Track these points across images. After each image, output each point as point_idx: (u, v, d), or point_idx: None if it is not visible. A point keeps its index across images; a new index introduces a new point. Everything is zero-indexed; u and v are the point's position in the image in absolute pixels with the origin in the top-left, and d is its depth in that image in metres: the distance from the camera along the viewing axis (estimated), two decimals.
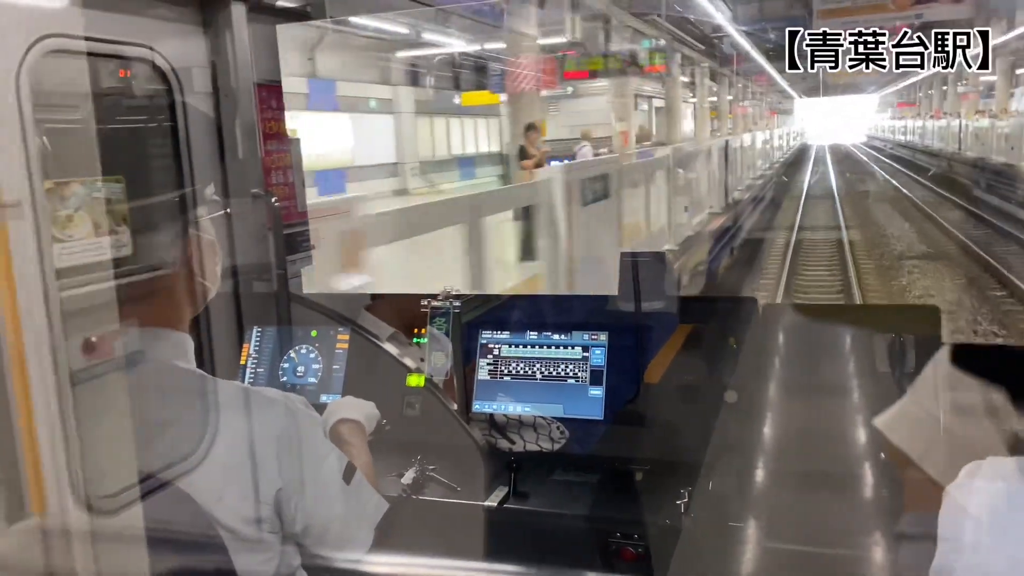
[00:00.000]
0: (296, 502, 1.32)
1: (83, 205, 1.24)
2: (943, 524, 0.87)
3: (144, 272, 1.32)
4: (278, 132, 2.52)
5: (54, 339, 1.05)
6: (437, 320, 2.08)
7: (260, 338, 2.26)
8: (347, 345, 2.18)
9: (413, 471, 1.86)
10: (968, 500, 0.85)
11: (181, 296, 1.35)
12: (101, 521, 1.06)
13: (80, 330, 1.12)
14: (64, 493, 1.03)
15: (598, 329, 2.00)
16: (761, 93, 41.05)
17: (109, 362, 1.17)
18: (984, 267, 10.94)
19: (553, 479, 1.93)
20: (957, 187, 20.06)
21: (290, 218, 2.57)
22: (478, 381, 2.09)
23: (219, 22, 2.29)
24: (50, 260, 1.09)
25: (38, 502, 1.03)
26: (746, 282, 11.33)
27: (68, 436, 1.02)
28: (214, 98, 2.28)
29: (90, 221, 1.24)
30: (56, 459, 1.02)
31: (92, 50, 1.43)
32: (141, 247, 1.32)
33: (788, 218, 18.02)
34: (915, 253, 13.06)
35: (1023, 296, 9.22)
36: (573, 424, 1.99)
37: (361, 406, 1.81)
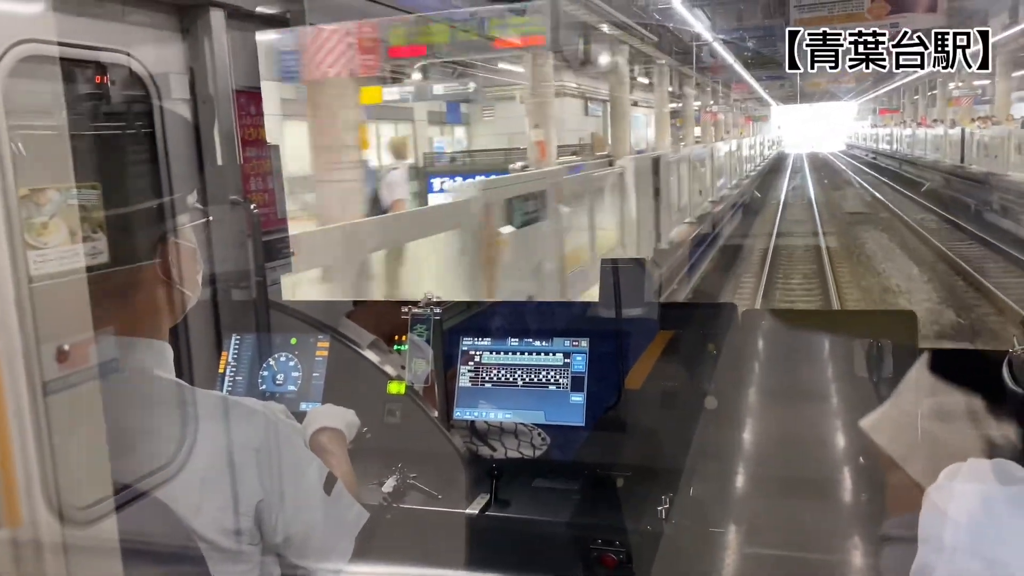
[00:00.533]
0: (277, 513, 1.31)
1: (58, 212, 1.22)
2: (923, 525, 0.88)
3: (121, 280, 1.31)
4: (257, 138, 2.51)
5: (28, 348, 1.03)
6: (418, 327, 2.07)
7: (239, 346, 2.24)
8: (327, 352, 2.16)
9: (394, 479, 1.85)
10: (948, 501, 0.86)
11: (160, 304, 1.34)
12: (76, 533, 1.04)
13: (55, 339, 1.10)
14: (38, 504, 1.02)
15: (579, 335, 2.00)
16: (736, 100, 38.45)
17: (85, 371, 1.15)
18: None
19: (534, 486, 1.93)
20: (961, 208, 16.97)
21: (269, 225, 2.55)
22: (459, 388, 2.08)
23: (198, 28, 2.28)
24: (24, 267, 1.07)
25: (12, 514, 1.01)
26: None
27: (42, 447, 1.00)
28: (192, 104, 2.27)
29: (66, 228, 1.23)
30: (30, 470, 1.00)
31: (68, 56, 1.42)
32: (118, 254, 1.30)
33: (753, 265, 13.22)
34: (949, 330, 8.50)
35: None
36: (554, 431, 1.99)
37: (341, 414, 1.80)
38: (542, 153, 11.38)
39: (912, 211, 18.56)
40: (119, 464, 1.12)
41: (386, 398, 2.02)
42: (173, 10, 2.25)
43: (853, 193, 25.22)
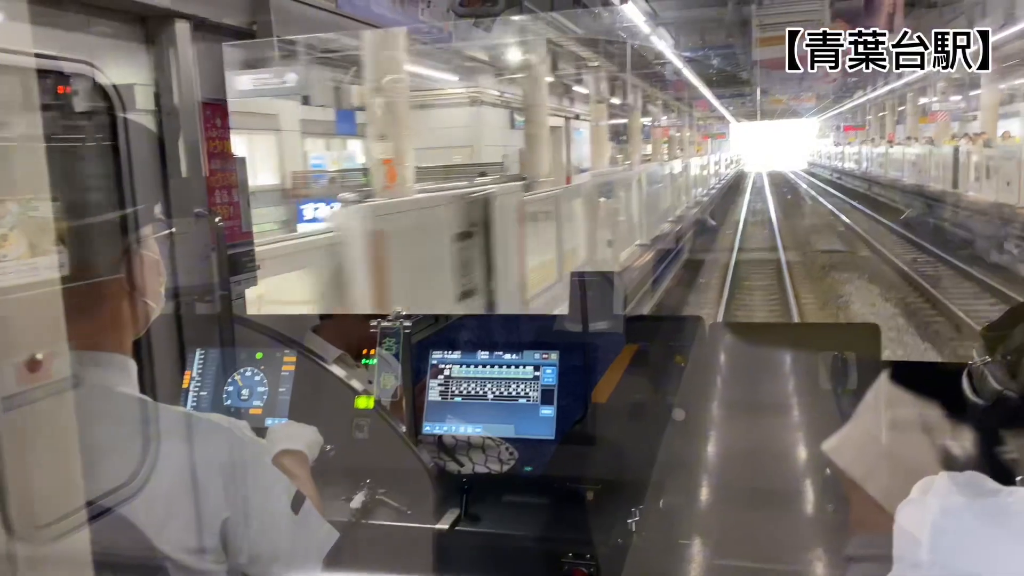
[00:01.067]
0: (243, 532, 1.28)
1: (18, 224, 1.19)
2: (898, 541, 0.89)
3: (83, 293, 1.28)
4: (223, 151, 2.49)
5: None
6: (387, 341, 2.06)
7: (203, 361, 2.21)
8: (293, 367, 2.14)
9: (362, 495, 1.83)
10: (922, 516, 0.86)
11: (123, 318, 1.31)
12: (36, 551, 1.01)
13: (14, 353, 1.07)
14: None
15: (549, 348, 2.01)
16: (693, 114, 35.22)
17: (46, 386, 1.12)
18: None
19: (505, 501, 1.92)
20: (958, 244, 13.98)
21: (234, 238, 2.53)
22: (428, 402, 2.07)
23: (163, 39, 2.25)
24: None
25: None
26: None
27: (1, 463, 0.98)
28: (157, 116, 2.24)
29: (25, 240, 1.20)
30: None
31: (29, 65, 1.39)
32: (80, 267, 1.27)
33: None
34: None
35: None
36: (524, 444, 1.98)
37: (302, 433, 1.77)
38: (390, 176, 7.88)
39: (900, 249, 15.20)
40: (82, 482, 1.09)
41: (354, 413, 2.00)
42: (138, 21, 2.23)
43: (822, 222, 21.87)
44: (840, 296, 11.67)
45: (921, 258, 14.02)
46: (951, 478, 0.89)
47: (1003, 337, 1.37)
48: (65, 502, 1.02)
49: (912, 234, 16.45)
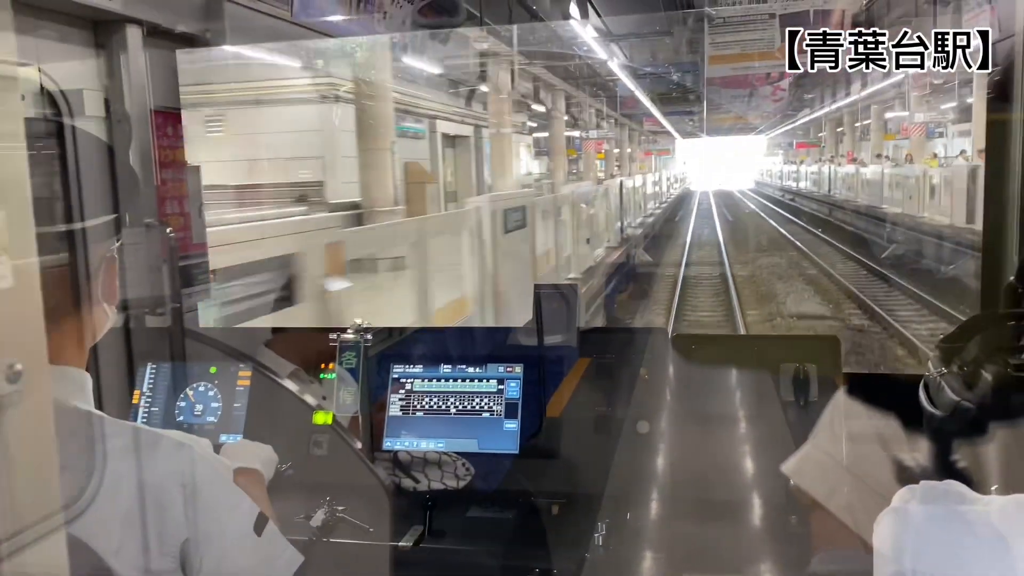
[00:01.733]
0: (203, 553, 1.23)
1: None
2: (879, 549, 0.89)
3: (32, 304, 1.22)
4: (175, 160, 2.43)
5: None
6: (346, 355, 2.02)
7: (154, 376, 2.13)
8: (249, 382, 2.08)
9: (322, 513, 1.78)
10: (905, 524, 0.87)
11: (76, 329, 1.26)
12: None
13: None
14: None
15: (513, 361, 1.99)
16: (633, 128, 33.30)
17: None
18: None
19: (469, 516, 1.89)
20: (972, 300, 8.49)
21: (186, 249, 2.46)
22: (389, 417, 2.03)
23: (113, 44, 2.19)
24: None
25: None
26: None
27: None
28: (107, 123, 2.17)
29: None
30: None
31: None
32: None
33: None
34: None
35: None
36: (484, 459, 1.96)
37: (257, 452, 1.72)
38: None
39: (906, 312, 11.06)
40: (32, 500, 1.03)
41: (312, 429, 1.95)
42: (88, 25, 2.16)
43: (786, 261, 17.69)
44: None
45: (939, 328, 9.60)
46: (932, 487, 0.90)
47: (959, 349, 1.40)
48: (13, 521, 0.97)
49: (913, 284, 12.23)
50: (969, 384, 1.37)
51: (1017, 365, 1.31)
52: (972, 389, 1.36)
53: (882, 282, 13.87)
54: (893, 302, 12.00)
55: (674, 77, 20.75)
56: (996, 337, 1.36)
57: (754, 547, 1.71)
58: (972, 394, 1.35)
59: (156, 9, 2.30)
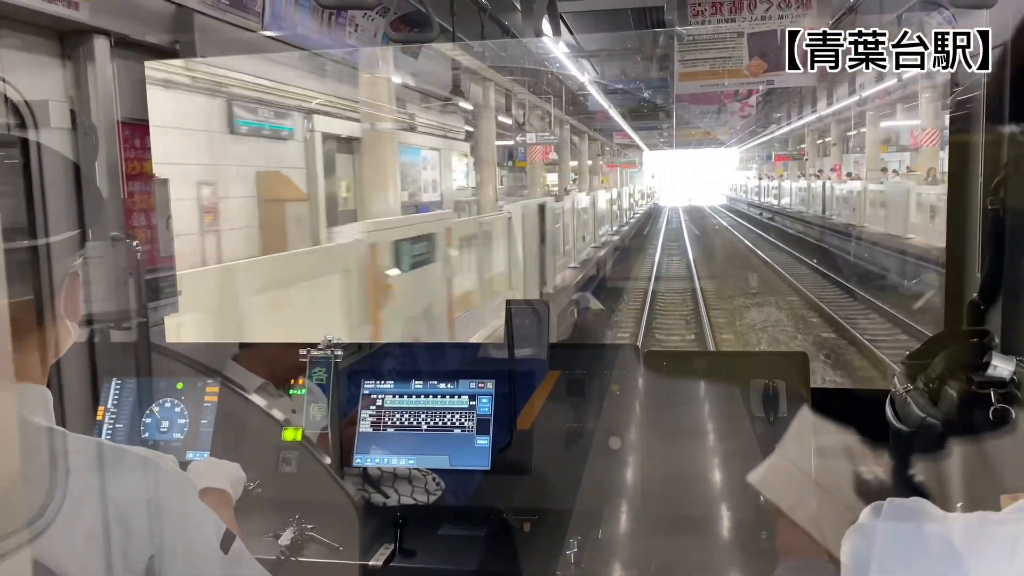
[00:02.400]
0: (169, 571, 1.21)
1: None
2: (846, 565, 0.90)
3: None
4: (142, 172, 2.40)
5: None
6: (317, 370, 2.00)
7: (119, 391, 2.10)
8: (216, 398, 2.05)
9: (291, 531, 1.76)
10: (871, 540, 0.88)
11: (37, 345, 1.23)
12: None
13: None
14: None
15: (484, 377, 1.98)
16: (597, 139, 29.68)
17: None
18: None
19: (440, 534, 1.88)
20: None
21: (153, 262, 2.43)
22: (359, 434, 2.01)
23: (80, 55, 2.16)
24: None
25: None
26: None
27: None
28: (73, 135, 2.14)
29: None
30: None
31: None
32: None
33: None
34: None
35: None
36: (454, 475, 1.94)
37: (225, 470, 1.70)
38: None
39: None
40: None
41: (281, 445, 1.93)
42: (54, 35, 2.13)
43: (782, 299, 14.23)
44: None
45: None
46: (899, 504, 0.91)
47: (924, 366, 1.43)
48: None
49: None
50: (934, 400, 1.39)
51: (981, 382, 1.33)
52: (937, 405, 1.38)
53: (897, 333, 10.66)
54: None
55: (645, 95, 20.59)
56: (960, 354, 1.38)
57: (725, 562, 1.72)
58: (937, 410, 1.36)
59: (124, 20, 2.28)
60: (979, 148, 1.84)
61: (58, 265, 1.34)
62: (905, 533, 0.86)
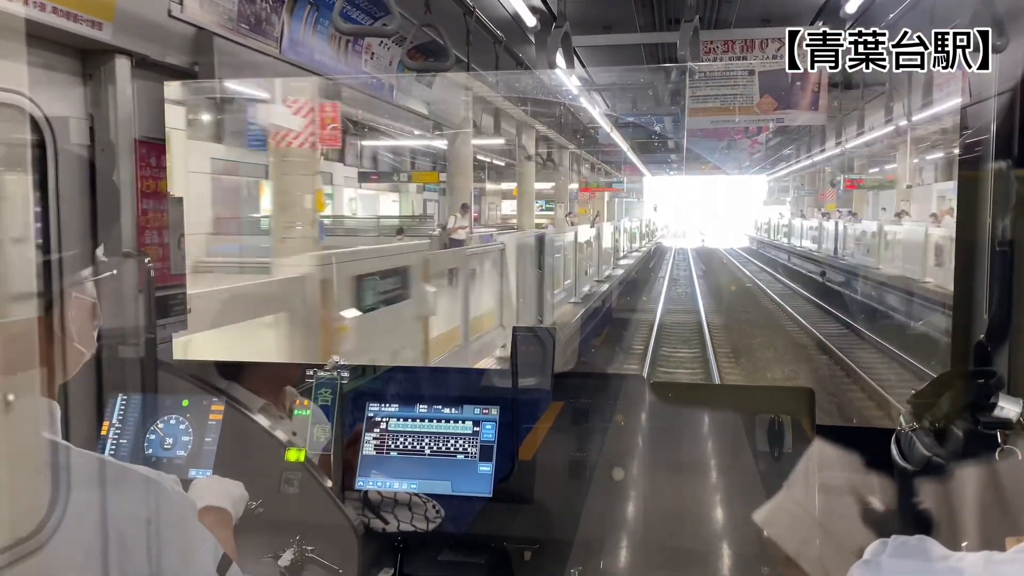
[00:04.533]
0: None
1: None
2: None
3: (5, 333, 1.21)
4: (156, 190, 2.42)
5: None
6: (322, 392, 2.00)
7: (124, 406, 2.10)
8: (220, 416, 2.05)
9: (291, 552, 1.75)
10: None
11: (48, 360, 1.24)
12: None
13: None
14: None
15: (489, 403, 1.98)
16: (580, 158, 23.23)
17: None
18: None
19: (440, 560, 1.86)
20: None
21: (164, 280, 2.45)
22: (362, 456, 2.01)
23: (101, 74, 2.20)
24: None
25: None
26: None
27: None
28: (90, 151, 2.17)
29: None
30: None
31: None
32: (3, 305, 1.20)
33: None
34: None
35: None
36: (458, 502, 1.93)
37: (227, 489, 1.69)
38: None
39: None
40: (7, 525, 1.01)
41: (284, 466, 1.92)
42: (76, 54, 2.17)
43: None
44: None
45: None
46: (903, 542, 0.90)
47: (930, 405, 1.43)
48: None
49: None
50: (940, 439, 1.38)
51: (987, 422, 1.33)
52: (943, 444, 1.38)
53: None
54: None
55: (656, 128, 19.78)
56: (967, 394, 1.38)
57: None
58: (943, 449, 1.36)
59: (146, 41, 2.32)
60: (987, 190, 1.85)
61: (77, 281, 1.36)
62: (910, 570, 0.86)
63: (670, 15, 10.35)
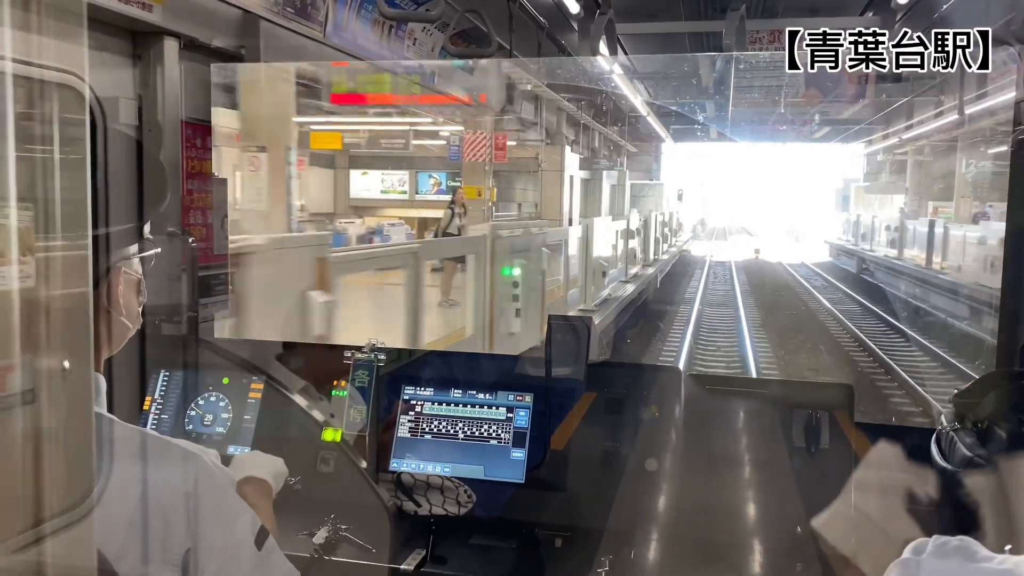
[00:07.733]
0: (204, 564, 1.23)
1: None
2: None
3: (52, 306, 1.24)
4: (201, 171, 2.46)
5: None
6: (359, 373, 2.02)
7: (166, 383, 2.14)
8: (260, 395, 2.09)
9: (325, 530, 1.78)
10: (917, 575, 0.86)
11: (97, 334, 1.27)
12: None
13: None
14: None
15: (523, 390, 1.98)
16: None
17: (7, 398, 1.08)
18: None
19: (471, 543, 1.88)
20: None
21: (207, 260, 2.49)
22: (397, 438, 2.03)
23: (150, 56, 2.24)
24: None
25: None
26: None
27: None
28: (138, 131, 2.21)
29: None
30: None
31: (11, 71, 1.37)
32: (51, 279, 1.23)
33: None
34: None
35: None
36: (490, 487, 1.94)
37: (269, 463, 1.72)
38: None
39: None
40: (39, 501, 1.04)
41: (320, 445, 1.95)
42: (126, 36, 2.21)
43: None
44: None
45: None
46: (944, 542, 0.89)
47: (972, 405, 1.40)
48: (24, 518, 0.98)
49: None
50: (982, 440, 1.36)
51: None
52: (985, 445, 1.35)
53: None
54: None
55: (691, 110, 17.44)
56: (1011, 395, 1.36)
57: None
58: (985, 450, 1.34)
59: (194, 24, 2.35)
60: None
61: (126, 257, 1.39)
62: (950, 571, 0.84)
63: (716, 3, 10.20)
